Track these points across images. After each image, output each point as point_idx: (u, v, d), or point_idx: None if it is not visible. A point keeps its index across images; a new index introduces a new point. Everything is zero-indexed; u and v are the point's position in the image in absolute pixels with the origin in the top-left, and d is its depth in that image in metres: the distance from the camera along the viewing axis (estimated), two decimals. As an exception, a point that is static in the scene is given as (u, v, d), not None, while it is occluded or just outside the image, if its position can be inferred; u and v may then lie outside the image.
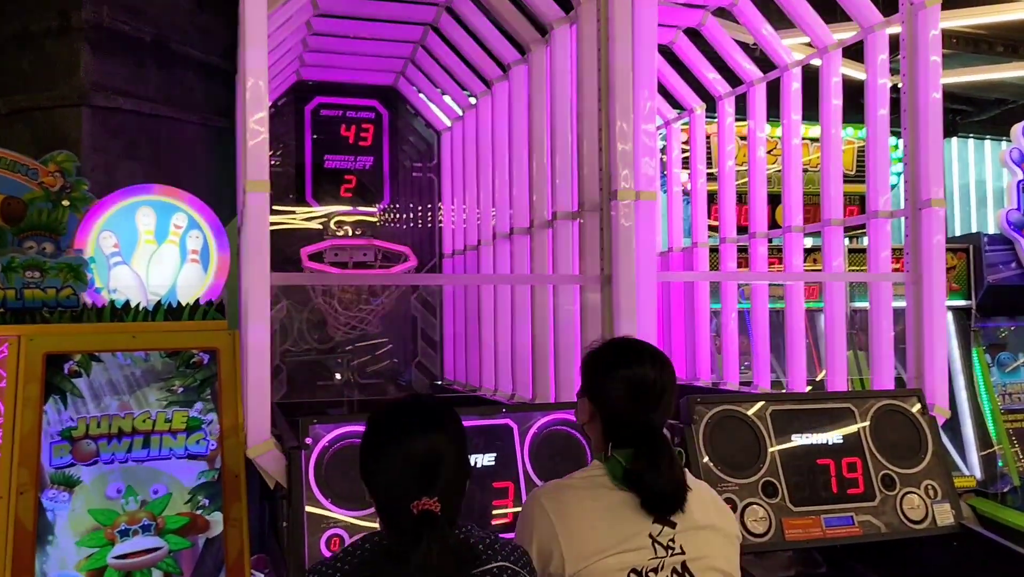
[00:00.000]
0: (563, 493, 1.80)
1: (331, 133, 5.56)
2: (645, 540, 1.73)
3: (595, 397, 1.86)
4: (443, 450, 1.57)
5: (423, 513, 1.48)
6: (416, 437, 1.57)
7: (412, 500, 1.49)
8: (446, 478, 1.55)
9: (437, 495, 1.51)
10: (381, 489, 1.59)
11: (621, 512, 1.74)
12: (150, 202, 2.93)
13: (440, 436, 1.59)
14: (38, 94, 4.08)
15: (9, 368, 2.53)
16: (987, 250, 5.23)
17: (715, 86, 4.58)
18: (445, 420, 1.64)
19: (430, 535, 1.46)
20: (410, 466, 1.54)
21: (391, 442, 1.58)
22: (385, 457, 1.57)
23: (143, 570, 2.47)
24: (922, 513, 2.86)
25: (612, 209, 2.96)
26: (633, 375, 1.80)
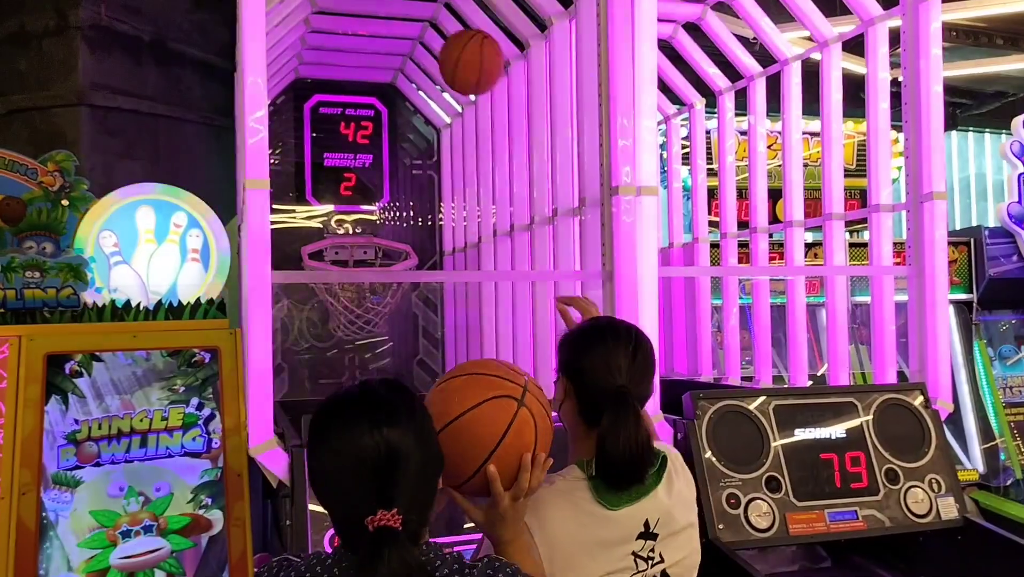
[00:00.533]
0: (542, 507, 1.67)
1: (330, 131, 5.55)
2: (629, 560, 1.68)
3: (570, 372, 1.81)
4: (400, 449, 1.31)
5: (379, 530, 1.26)
6: (364, 435, 1.31)
7: (366, 514, 1.27)
8: (406, 484, 1.31)
9: (397, 506, 1.28)
10: (330, 500, 1.36)
11: (606, 533, 1.68)
12: (150, 201, 2.92)
13: (395, 432, 1.31)
14: (36, 94, 4.07)
15: (10, 369, 2.52)
16: (988, 243, 5.22)
17: (715, 81, 4.57)
18: (400, 411, 1.36)
19: (389, 556, 1.24)
20: (361, 472, 1.30)
21: (335, 444, 1.33)
22: (330, 462, 1.34)
23: (146, 571, 2.45)
24: (926, 507, 2.86)
25: (613, 205, 2.95)
26: (607, 350, 1.76)
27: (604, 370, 1.73)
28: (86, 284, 2.78)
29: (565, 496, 1.70)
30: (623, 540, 1.68)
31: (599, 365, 1.74)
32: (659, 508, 1.73)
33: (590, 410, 1.74)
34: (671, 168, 5.10)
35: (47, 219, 2.86)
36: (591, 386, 1.75)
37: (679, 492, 1.79)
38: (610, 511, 1.68)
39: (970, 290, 5.24)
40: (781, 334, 4.43)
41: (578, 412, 1.78)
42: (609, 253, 2.99)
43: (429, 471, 1.38)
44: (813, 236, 5.47)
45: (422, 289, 5.67)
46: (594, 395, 1.73)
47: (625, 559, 1.68)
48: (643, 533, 1.70)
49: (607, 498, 1.69)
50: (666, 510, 1.73)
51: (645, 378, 1.79)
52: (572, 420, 1.81)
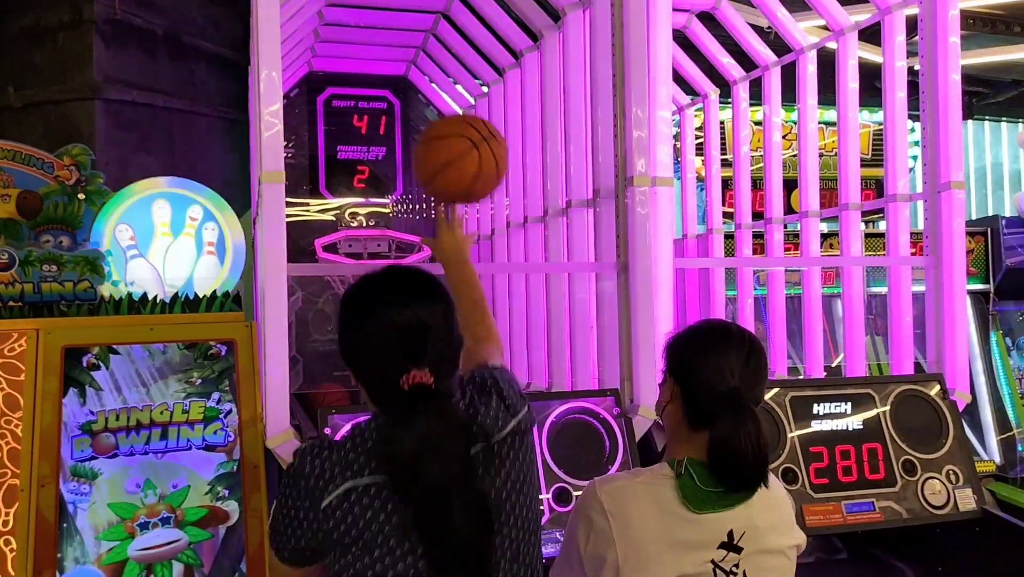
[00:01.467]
0: (627, 499, 1.66)
1: (344, 124, 5.55)
2: (707, 567, 1.63)
3: (678, 374, 1.76)
4: (427, 319, 1.42)
5: (415, 387, 1.37)
6: (397, 307, 1.43)
7: (400, 374, 1.37)
8: (435, 349, 1.42)
9: (427, 367, 1.38)
10: (365, 368, 1.46)
11: (685, 535, 1.64)
12: (165, 194, 2.93)
13: (423, 305, 1.44)
14: (51, 87, 4.09)
15: (28, 362, 2.54)
16: (1005, 233, 5.18)
17: (729, 71, 4.54)
18: (427, 288, 1.49)
19: (427, 409, 1.35)
20: (393, 338, 1.41)
21: (370, 314, 1.44)
22: (365, 330, 1.44)
23: (164, 562, 2.47)
24: (944, 498, 2.84)
25: (628, 196, 2.94)
26: (719, 353, 1.71)
27: (716, 374, 1.69)
28: (103, 277, 2.80)
29: (649, 491, 1.67)
30: (703, 545, 1.64)
31: (711, 369, 1.70)
32: (746, 521, 1.67)
33: (696, 413, 1.71)
34: (685, 159, 5.08)
35: (63, 213, 2.87)
36: (701, 390, 1.70)
37: (772, 511, 1.73)
38: (693, 513, 1.64)
39: (987, 280, 5.20)
40: (795, 325, 4.41)
41: (683, 414, 1.73)
42: (624, 244, 2.98)
43: (452, 338, 1.49)
44: (828, 227, 5.44)
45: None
46: (703, 398, 1.69)
47: (703, 565, 1.63)
48: (725, 543, 1.65)
49: (692, 500, 1.64)
50: (753, 525, 1.67)
51: (758, 383, 1.75)
52: (675, 422, 1.77)
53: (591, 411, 2.73)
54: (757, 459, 1.64)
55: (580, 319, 3.38)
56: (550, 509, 2.57)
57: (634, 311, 2.91)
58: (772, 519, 1.73)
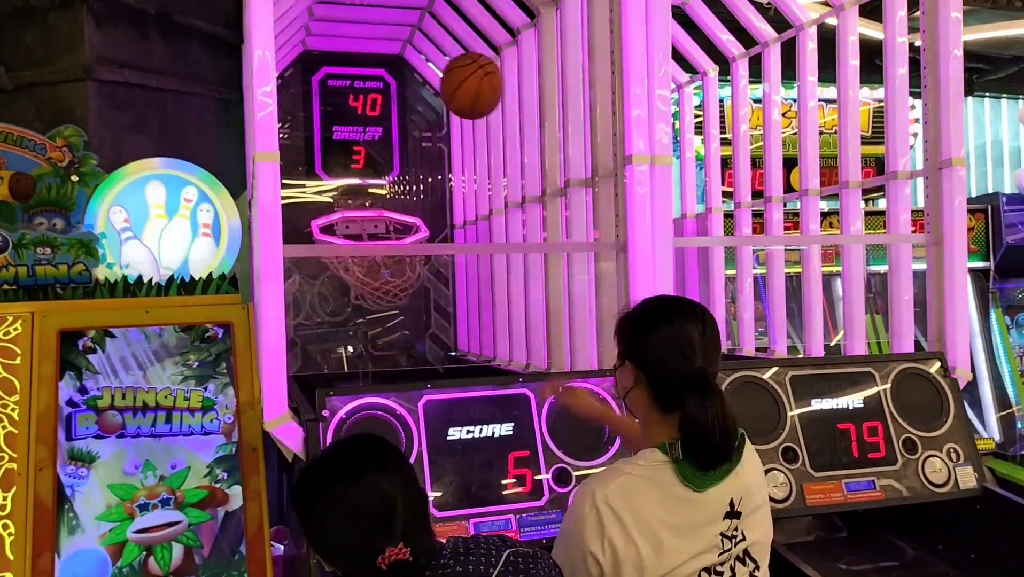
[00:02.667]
0: (633, 495, 1.64)
1: (339, 104, 5.51)
2: (716, 539, 1.65)
3: (637, 357, 1.73)
4: (389, 492, 1.38)
5: (394, 565, 1.34)
6: (352, 488, 1.39)
7: (376, 556, 1.34)
8: (403, 521, 1.37)
9: (401, 540, 1.35)
10: (337, 555, 1.42)
11: (694, 516, 1.64)
12: (159, 176, 2.90)
13: (379, 477, 1.40)
14: (43, 68, 4.03)
15: (23, 345, 2.52)
16: (1006, 210, 5.17)
17: (728, 48, 4.50)
18: (378, 457, 1.45)
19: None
20: (360, 522, 1.37)
21: (327, 500, 1.40)
22: (328, 520, 1.41)
23: (163, 544, 2.46)
24: (944, 476, 2.84)
25: (627, 175, 2.91)
26: (675, 329, 1.68)
27: (678, 353, 1.66)
28: (97, 260, 2.78)
29: (651, 480, 1.65)
30: (711, 521, 1.65)
31: (671, 349, 1.67)
32: (741, 486, 1.69)
33: (665, 396, 1.68)
34: (684, 137, 5.04)
35: (57, 195, 2.84)
36: (665, 371, 1.67)
37: (753, 470, 1.76)
38: (698, 493, 1.64)
39: (987, 258, 5.19)
40: (794, 305, 4.39)
41: (652, 399, 1.71)
42: (623, 224, 2.96)
43: (417, 503, 1.43)
44: (827, 205, 5.42)
45: (433, 262, 5.65)
46: (670, 381, 1.67)
47: (713, 540, 1.64)
48: (728, 513, 1.67)
49: (693, 480, 1.64)
50: (747, 488, 1.70)
51: (716, 353, 1.72)
52: (643, 407, 1.74)
53: (592, 392, 2.72)
54: (727, 435, 1.64)
55: (579, 299, 3.36)
56: (550, 490, 2.56)
57: (633, 291, 2.89)
58: (757, 478, 1.76)
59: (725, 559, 1.66)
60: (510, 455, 2.57)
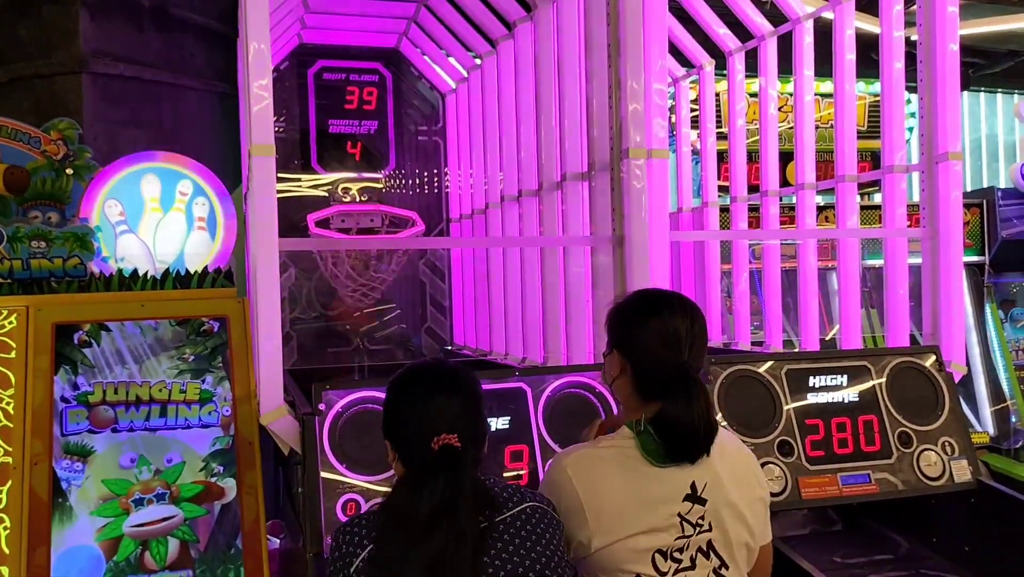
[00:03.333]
0: (592, 464, 1.73)
1: (335, 97, 5.49)
2: (674, 519, 1.68)
3: (624, 348, 1.78)
4: (460, 407, 1.61)
5: (443, 448, 1.53)
6: (437, 396, 1.62)
7: (432, 437, 1.54)
8: (465, 425, 1.59)
9: (457, 433, 1.55)
10: (402, 434, 1.63)
11: (651, 490, 1.68)
12: (154, 169, 2.89)
13: (457, 397, 1.63)
14: (37, 61, 4.02)
15: (18, 339, 2.51)
16: (1001, 205, 5.18)
17: (725, 41, 4.49)
18: (463, 383, 1.67)
19: (450, 468, 1.51)
20: (430, 413, 1.59)
21: (410, 397, 1.64)
22: (406, 411, 1.63)
23: (159, 538, 2.46)
24: (939, 470, 2.84)
25: (623, 168, 2.91)
26: (663, 323, 1.73)
27: (662, 345, 1.71)
28: (92, 253, 2.77)
29: (612, 454, 1.72)
30: (668, 499, 1.68)
31: (656, 340, 1.72)
32: (708, 472, 1.72)
33: (647, 385, 1.73)
34: (680, 131, 5.04)
35: (51, 188, 2.83)
36: (650, 363, 1.72)
37: (733, 463, 1.77)
38: (657, 468, 1.69)
39: (982, 252, 5.21)
40: (789, 299, 4.40)
41: (634, 388, 1.76)
42: (620, 218, 2.96)
43: (477, 424, 1.66)
44: (823, 199, 5.42)
45: (429, 256, 5.64)
46: (654, 372, 1.72)
47: (670, 519, 1.68)
48: (690, 496, 1.69)
49: (654, 455, 1.69)
50: (716, 477, 1.72)
51: (702, 350, 1.76)
52: (626, 393, 1.80)
53: (587, 385, 2.72)
54: (707, 431, 1.69)
55: (575, 293, 3.36)
56: (546, 483, 2.57)
57: (630, 284, 2.89)
58: (736, 472, 1.78)
59: (683, 545, 1.68)
60: (506, 449, 2.57)
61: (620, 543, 1.65)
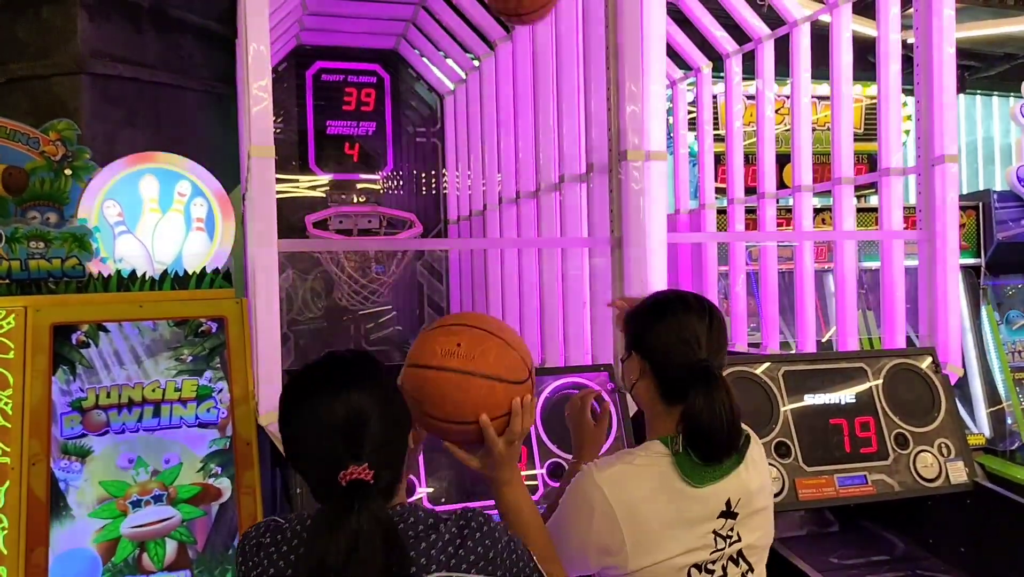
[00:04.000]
0: (629, 483, 1.66)
1: (333, 99, 5.50)
2: (709, 537, 1.66)
3: (643, 349, 1.76)
4: (365, 409, 1.37)
5: (352, 483, 1.32)
6: (330, 398, 1.38)
7: (339, 469, 1.33)
8: (374, 442, 1.36)
9: (367, 461, 1.33)
10: (305, 463, 1.42)
11: (690, 510, 1.66)
12: (153, 170, 2.89)
13: (359, 394, 1.38)
14: (35, 62, 4.03)
15: (16, 339, 2.51)
16: (996, 207, 5.18)
17: (722, 44, 4.51)
18: (364, 375, 1.43)
19: (359, 507, 1.28)
20: (329, 432, 1.36)
21: (304, 407, 1.40)
22: (300, 424, 1.40)
23: (157, 540, 2.46)
24: (936, 471, 2.85)
25: (622, 170, 2.91)
26: (680, 322, 1.71)
27: (682, 345, 1.69)
28: (91, 254, 2.77)
29: (649, 472, 1.67)
30: (706, 518, 1.66)
31: (676, 340, 1.70)
32: (741, 487, 1.70)
33: (670, 388, 1.71)
34: (677, 134, 5.06)
35: (50, 189, 2.84)
36: (670, 363, 1.70)
37: (758, 473, 1.77)
38: (695, 489, 1.65)
39: (978, 254, 5.21)
40: (785, 301, 4.41)
41: (657, 391, 1.74)
42: (618, 220, 2.96)
43: (396, 430, 1.43)
44: (820, 202, 5.43)
45: (427, 258, 5.65)
46: (675, 373, 1.69)
47: (706, 537, 1.66)
48: (724, 512, 1.68)
49: (692, 475, 1.65)
50: (747, 490, 1.71)
51: (722, 348, 1.74)
52: (649, 398, 1.77)
53: (586, 386, 2.72)
54: (732, 429, 1.66)
55: (573, 294, 3.37)
56: (544, 484, 2.57)
57: (628, 286, 2.90)
58: (760, 481, 1.77)
59: (717, 557, 1.67)
60: (504, 450, 2.57)
61: (658, 565, 1.62)
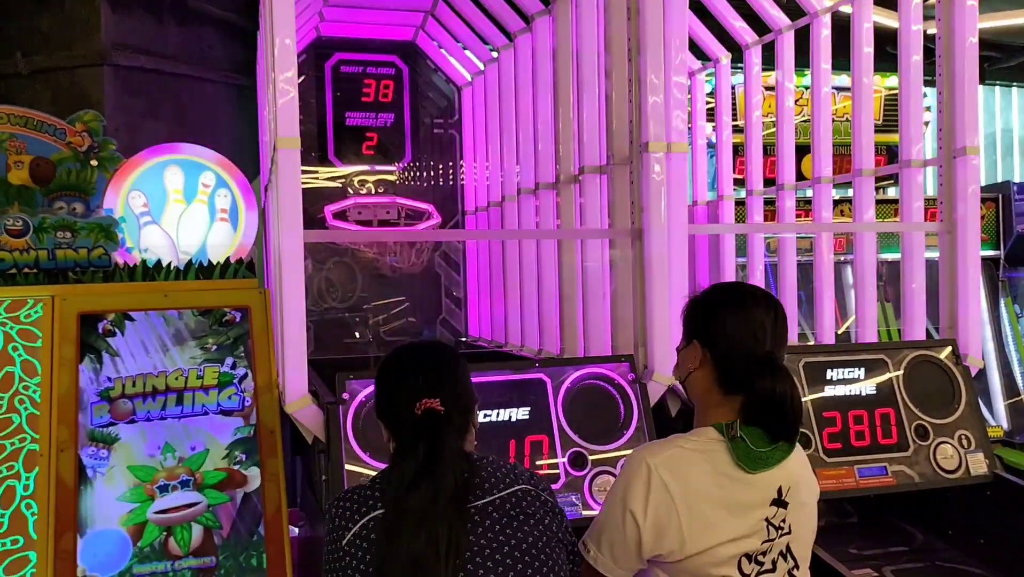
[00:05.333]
0: (683, 466, 1.68)
1: (352, 90, 5.50)
2: (761, 525, 1.67)
3: (707, 339, 1.76)
4: (441, 362, 1.70)
5: (426, 412, 1.57)
6: (416, 349, 1.76)
7: (415, 403, 1.58)
8: (445, 384, 1.63)
9: (439, 397, 1.59)
10: (389, 401, 1.67)
11: (743, 496, 1.66)
12: (178, 161, 2.92)
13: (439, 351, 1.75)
14: (59, 54, 4.06)
15: (44, 328, 2.54)
16: (1016, 199, 5.16)
17: (742, 35, 4.49)
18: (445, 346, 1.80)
19: (432, 434, 1.54)
20: (412, 371, 1.66)
21: (393, 360, 1.72)
22: (390, 373, 1.69)
23: (183, 525, 2.50)
24: (956, 463, 2.86)
25: (643, 162, 2.92)
26: (749, 314, 1.72)
27: (749, 336, 1.70)
28: (117, 244, 2.80)
29: (702, 455, 1.68)
30: (758, 504, 1.67)
31: (743, 331, 1.71)
32: (791, 476, 1.71)
33: (730, 377, 1.72)
34: (695, 125, 5.04)
35: (76, 179, 2.87)
36: (736, 354, 1.71)
37: (803, 466, 1.78)
38: (749, 474, 1.67)
39: (997, 247, 5.20)
40: (802, 292, 4.40)
41: (715, 379, 1.74)
42: (638, 211, 2.97)
43: (464, 385, 1.71)
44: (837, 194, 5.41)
45: (444, 248, 5.66)
46: (739, 363, 1.70)
47: (758, 524, 1.67)
48: (776, 500, 1.69)
49: (746, 461, 1.67)
50: (796, 480, 1.72)
51: (784, 341, 1.76)
52: (705, 387, 1.77)
53: (606, 377, 2.74)
54: (796, 411, 1.69)
55: (592, 286, 3.38)
56: (566, 473, 2.59)
57: (649, 277, 2.91)
58: (806, 474, 1.79)
59: (768, 549, 1.68)
60: (526, 439, 2.60)
61: (711, 550, 1.63)
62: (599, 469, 2.60)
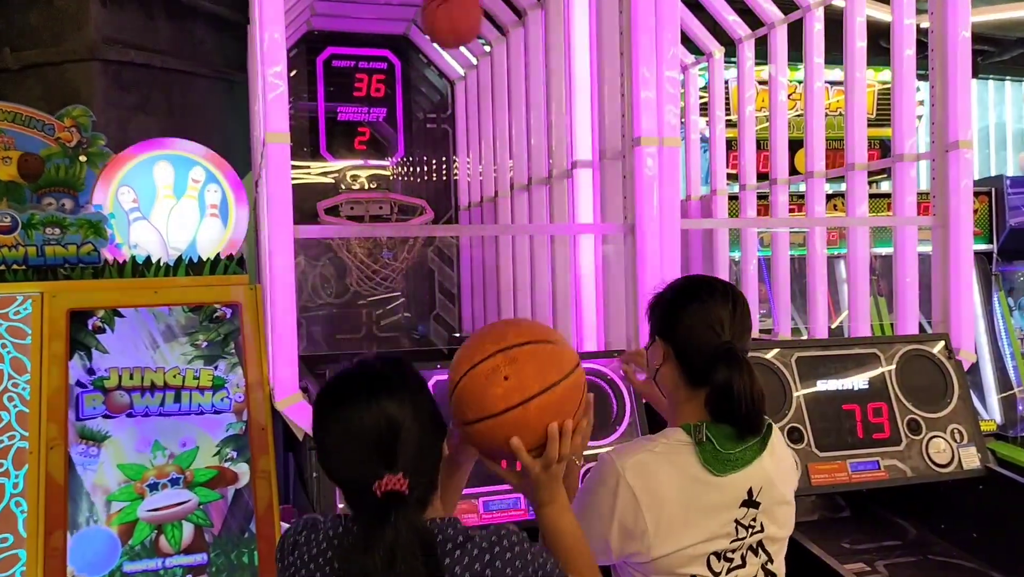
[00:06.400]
0: (651, 471, 1.65)
1: (344, 85, 5.49)
2: (730, 525, 1.66)
3: (667, 334, 1.76)
4: (398, 418, 1.34)
5: (387, 495, 1.30)
6: (362, 408, 1.35)
7: (374, 479, 1.31)
8: (408, 451, 1.34)
9: (402, 471, 1.31)
10: (339, 473, 1.40)
11: (711, 499, 1.65)
12: (167, 156, 2.90)
13: (390, 403, 1.35)
14: (48, 48, 4.03)
15: (33, 325, 2.53)
16: (1009, 193, 5.16)
17: (735, 28, 4.48)
18: (395, 383, 1.39)
19: (396, 518, 1.28)
20: (364, 442, 1.34)
21: (335, 418, 1.38)
22: (332, 435, 1.38)
23: (174, 522, 2.49)
24: (948, 457, 2.86)
25: (635, 156, 2.91)
26: (704, 307, 1.71)
27: (706, 329, 1.69)
28: (106, 240, 2.78)
29: (670, 459, 1.67)
30: (727, 506, 1.66)
31: (700, 324, 1.70)
32: (763, 476, 1.70)
33: (693, 371, 1.71)
34: (688, 119, 5.03)
35: (65, 175, 2.85)
36: (694, 347, 1.70)
37: (781, 462, 1.77)
38: (716, 477, 1.65)
39: (990, 240, 5.19)
40: (795, 287, 4.40)
41: (680, 375, 1.74)
42: (631, 206, 2.96)
43: (429, 438, 1.41)
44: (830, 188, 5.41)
45: (438, 244, 5.65)
46: (698, 356, 1.70)
47: (727, 525, 1.66)
48: (746, 501, 1.68)
49: (714, 465, 1.66)
50: (769, 479, 1.71)
51: (746, 333, 1.74)
52: (673, 383, 1.77)
53: (598, 372, 2.73)
54: (756, 404, 1.66)
55: (585, 281, 3.37)
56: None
57: (641, 272, 2.90)
58: (782, 470, 1.77)
59: (737, 546, 1.67)
60: (518, 435, 2.58)
61: (680, 552, 1.63)
62: (592, 464, 2.58)
